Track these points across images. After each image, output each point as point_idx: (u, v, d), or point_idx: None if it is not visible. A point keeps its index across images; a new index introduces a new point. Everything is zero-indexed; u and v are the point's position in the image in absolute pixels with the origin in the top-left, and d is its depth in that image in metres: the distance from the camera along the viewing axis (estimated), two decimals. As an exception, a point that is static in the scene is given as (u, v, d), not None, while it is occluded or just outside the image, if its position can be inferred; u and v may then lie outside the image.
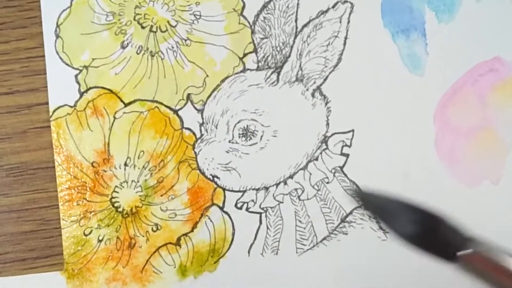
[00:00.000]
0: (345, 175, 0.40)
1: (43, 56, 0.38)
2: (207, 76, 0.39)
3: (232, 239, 0.38)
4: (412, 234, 0.26)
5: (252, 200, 0.39)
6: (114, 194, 0.37)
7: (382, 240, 0.39)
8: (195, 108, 0.39)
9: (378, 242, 0.39)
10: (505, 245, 0.35)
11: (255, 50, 0.40)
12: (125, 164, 0.37)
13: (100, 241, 0.37)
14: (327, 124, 0.40)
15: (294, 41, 0.40)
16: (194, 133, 0.38)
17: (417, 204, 0.27)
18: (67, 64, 0.38)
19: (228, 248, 0.38)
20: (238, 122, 0.39)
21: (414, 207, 0.27)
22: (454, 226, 0.27)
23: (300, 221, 0.39)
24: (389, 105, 0.41)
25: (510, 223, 0.41)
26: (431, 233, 0.26)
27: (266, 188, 0.39)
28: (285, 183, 0.39)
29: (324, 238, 0.39)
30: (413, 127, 0.41)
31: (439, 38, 0.42)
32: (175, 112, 0.38)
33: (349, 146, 0.40)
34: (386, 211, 0.28)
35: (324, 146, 0.40)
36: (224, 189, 0.39)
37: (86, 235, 0.37)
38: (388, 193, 0.29)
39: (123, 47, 0.38)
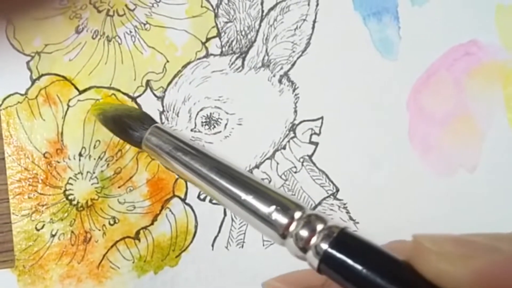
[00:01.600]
0: (314, 164, 0.39)
1: (-7, 42, 0.36)
2: (168, 61, 0.37)
3: (195, 232, 0.37)
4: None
5: (216, 191, 0.37)
6: (68, 187, 0.36)
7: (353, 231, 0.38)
8: (155, 95, 0.37)
9: (348, 233, 0.38)
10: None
11: (218, 35, 0.38)
12: (80, 155, 0.36)
13: (53, 236, 0.35)
14: (295, 111, 0.39)
15: (260, 25, 0.39)
16: (154, 122, 0.37)
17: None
18: (18, 51, 0.36)
19: (191, 242, 0.37)
20: (201, 110, 0.38)
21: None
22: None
23: (267, 213, 0.38)
24: (360, 91, 0.40)
25: (486, 211, 0.40)
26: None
27: (231, 179, 0.38)
28: (251, 173, 0.38)
29: (293, 230, 0.38)
30: (385, 114, 0.40)
31: (413, 21, 0.40)
32: (134, 99, 0.37)
33: (318, 134, 0.39)
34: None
35: (292, 134, 0.39)
36: (186, 180, 0.37)
37: (38, 230, 0.35)
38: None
39: (77, 32, 0.37)
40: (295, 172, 0.38)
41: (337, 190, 0.39)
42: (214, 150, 0.37)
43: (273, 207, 0.26)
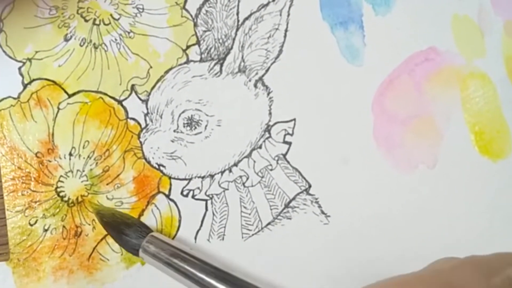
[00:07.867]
0: (288, 162, 0.41)
1: (-14, 50, 0.38)
2: (151, 67, 0.40)
3: (179, 226, 0.39)
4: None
5: (198, 188, 0.40)
6: (59, 184, 0.37)
7: (324, 224, 0.41)
8: (140, 99, 0.39)
9: (320, 225, 0.41)
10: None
11: (198, 42, 0.40)
12: (70, 154, 0.38)
13: (45, 230, 0.37)
14: (270, 113, 0.41)
15: (236, 34, 0.41)
16: (139, 123, 0.39)
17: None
18: (10, 57, 0.38)
19: (175, 235, 0.39)
20: (183, 112, 0.40)
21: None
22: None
23: (245, 207, 0.40)
24: (329, 94, 0.42)
25: (444, 203, 0.42)
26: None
27: (212, 176, 0.40)
28: (230, 171, 0.40)
29: (269, 223, 0.40)
30: (352, 116, 0.42)
31: (376, 30, 0.43)
32: (120, 102, 0.39)
33: (291, 135, 0.41)
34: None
35: (267, 135, 0.41)
36: (170, 177, 0.39)
37: (31, 225, 0.37)
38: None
39: (66, 40, 0.39)
40: (271, 170, 0.41)
41: (310, 186, 0.41)
42: (195, 149, 0.40)
43: None
